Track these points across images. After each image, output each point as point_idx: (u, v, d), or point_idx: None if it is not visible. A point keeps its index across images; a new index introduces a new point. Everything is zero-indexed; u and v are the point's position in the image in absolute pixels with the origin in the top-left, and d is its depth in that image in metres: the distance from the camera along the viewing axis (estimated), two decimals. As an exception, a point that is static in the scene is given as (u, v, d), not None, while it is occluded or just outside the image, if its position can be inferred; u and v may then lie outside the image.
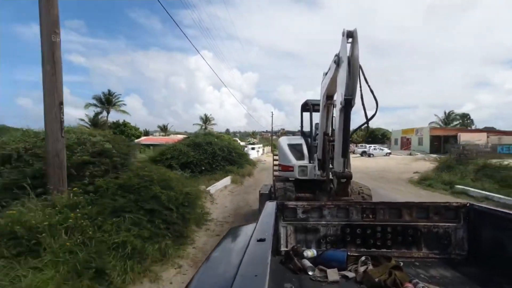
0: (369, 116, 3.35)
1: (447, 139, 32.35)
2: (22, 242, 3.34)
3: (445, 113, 44.72)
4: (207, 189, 9.23)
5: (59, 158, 4.51)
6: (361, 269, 1.90)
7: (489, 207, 2.19)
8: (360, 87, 3.22)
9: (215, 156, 13.66)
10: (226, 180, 11.77)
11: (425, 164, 18.09)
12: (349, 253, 2.10)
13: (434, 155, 22.92)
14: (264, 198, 6.35)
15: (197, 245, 5.26)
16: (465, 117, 47.03)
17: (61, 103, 4.65)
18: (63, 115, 4.64)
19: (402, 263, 2.02)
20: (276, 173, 7.28)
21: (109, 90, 37.90)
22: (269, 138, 60.45)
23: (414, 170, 15.86)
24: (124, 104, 40.20)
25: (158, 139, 41.54)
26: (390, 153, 35.20)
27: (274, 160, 8.05)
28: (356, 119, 3.55)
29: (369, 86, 3.24)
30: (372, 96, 3.29)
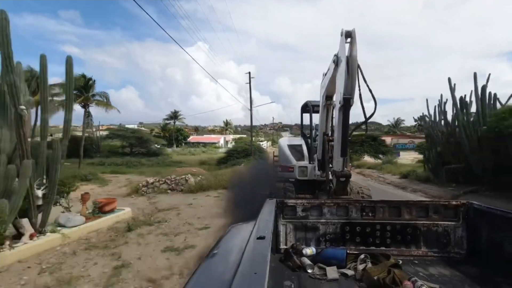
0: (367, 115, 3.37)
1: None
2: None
3: (393, 118, 62.74)
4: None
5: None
6: (360, 267, 1.90)
7: (488, 206, 2.19)
8: (359, 86, 3.25)
9: (254, 150, 27.26)
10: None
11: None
12: (348, 251, 2.10)
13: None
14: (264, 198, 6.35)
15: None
16: (422, 119, 67.08)
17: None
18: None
19: (401, 261, 2.02)
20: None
21: (175, 110, 58.04)
22: (268, 133, 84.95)
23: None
24: (184, 118, 59.00)
25: (201, 138, 64.47)
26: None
27: (274, 161, 8.05)
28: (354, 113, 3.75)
29: (367, 85, 3.26)
30: (371, 95, 3.31)
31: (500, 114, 10.16)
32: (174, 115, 56.63)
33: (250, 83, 27.36)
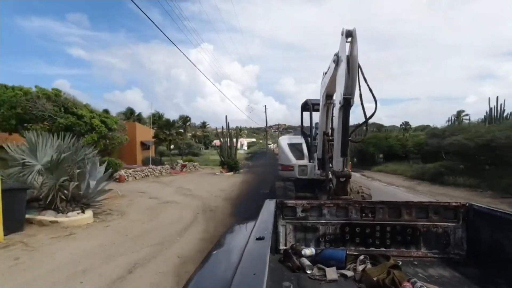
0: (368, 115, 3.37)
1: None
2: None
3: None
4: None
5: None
6: (360, 268, 1.89)
7: (488, 207, 2.18)
8: (359, 86, 3.23)
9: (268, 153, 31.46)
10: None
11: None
12: (348, 252, 2.09)
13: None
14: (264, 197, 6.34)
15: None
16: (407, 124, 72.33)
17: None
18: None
19: (400, 262, 2.01)
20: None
21: (204, 121, 72.19)
22: (273, 135, 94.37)
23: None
24: (210, 126, 70.95)
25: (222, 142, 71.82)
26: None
27: (275, 155, 8.06)
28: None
29: (368, 85, 3.24)
30: (371, 95, 3.30)
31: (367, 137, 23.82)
32: (203, 125, 75.20)
33: (266, 112, 46.44)
